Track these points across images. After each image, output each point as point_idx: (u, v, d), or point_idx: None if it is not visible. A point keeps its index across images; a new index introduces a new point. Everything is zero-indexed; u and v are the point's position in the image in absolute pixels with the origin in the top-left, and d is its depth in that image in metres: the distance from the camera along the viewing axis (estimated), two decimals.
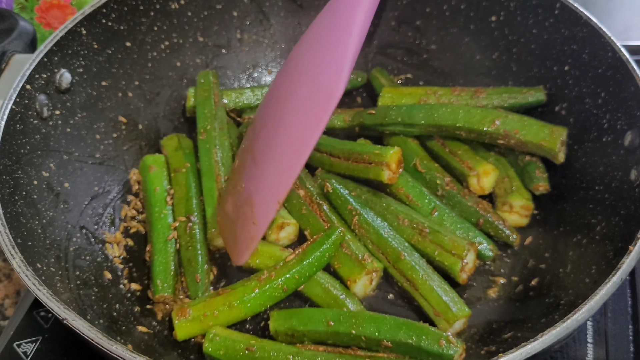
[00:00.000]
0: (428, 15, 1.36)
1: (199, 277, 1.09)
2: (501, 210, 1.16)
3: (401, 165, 1.14)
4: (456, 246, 1.05)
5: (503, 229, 1.14)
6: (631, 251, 0.86)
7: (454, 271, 1.04)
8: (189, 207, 1.16)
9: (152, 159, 1.24)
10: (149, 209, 1.18)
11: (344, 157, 1.16)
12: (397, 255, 1.05)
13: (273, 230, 1.12)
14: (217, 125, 1.23)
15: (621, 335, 1.06)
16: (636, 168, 0.99)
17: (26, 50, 1.27)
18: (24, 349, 1.06)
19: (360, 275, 1.05)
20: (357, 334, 0.95)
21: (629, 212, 0.96)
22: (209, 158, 1.19)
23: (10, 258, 0.89)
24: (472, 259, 1.07)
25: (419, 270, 1.04)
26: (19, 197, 1.01)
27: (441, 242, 1.06)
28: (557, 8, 1.17)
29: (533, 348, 0.78)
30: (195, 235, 1.13)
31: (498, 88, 1.25)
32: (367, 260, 1.06)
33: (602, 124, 1.09)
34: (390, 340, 0.93)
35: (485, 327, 1.04)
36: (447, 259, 1.05)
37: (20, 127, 1.05)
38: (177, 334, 1.01)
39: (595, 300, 0.82)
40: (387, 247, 1.07)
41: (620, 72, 1.05)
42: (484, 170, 1.16)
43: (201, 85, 1.30)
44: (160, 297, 1.07)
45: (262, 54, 1.43)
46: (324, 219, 1.11)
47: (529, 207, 1.15)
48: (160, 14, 1.29)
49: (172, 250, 1.12)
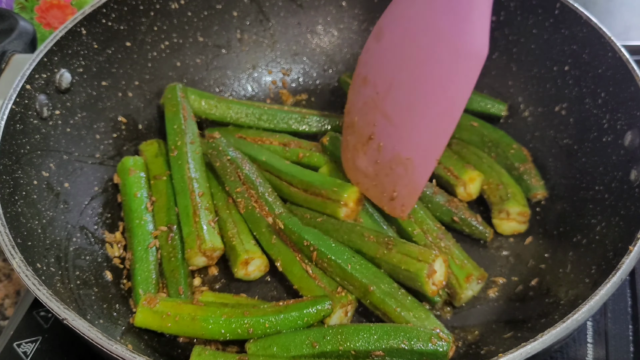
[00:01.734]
0: None
1: (182, 289, 1.06)
2: (498, 219, 1.15)
3: (361, 202, 1.12)
4: (423, 253, 0.99)
5: (476, 225, 1.14)
6: (631, 251, 0.86)
7: (420, 277, 0.97)
8: (170, 216, 1.12)
9: (131, 161, 1.19)
10: (128, 214, 1.14)
11: (303, 188, 1.13)
12: (366, 289, 0.99)
13: (238, 267, 1.08)
14: (188, 140, 1.19)
15: (621, 335, 1.06)
16: (636, 168, 0.99)
17: (26, 50, 1.27)
18: (24, 349, 1.05)
19: (335, 309, 0.99)
20: (345, 350, 0.92)
21: (629, 212, 0.96)
22: (182, 175, 1.15)
23: (10, 258, 0.89)
24: (441, 270, 1.00)
25: (390, 302, 0.98)
26: (19, 197, 1.01)
27: (408, 251, 1.00)
28: (557, 8, 1.17)
29: (533, 348, 0.78)
30: (177, 246, 1.10)
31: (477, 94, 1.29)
32: (340, 294, 1.01)
33: (602, 124, 1.09)
34: (381, 349, 0.91)
35: (485, 327, 1.04)
36: (413, 266, 0.98)
37: (20, 127, 1.05)
38: (135, 317, 0.99)
39: (595, 300, 0.82)
40: (353, 280, 1.01)
41: (620, 72, 1.05)
42: (469, 177, 1.17)
43: (169, 101, 1.26)
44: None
45: (262, 54, 1.43)
46: (294, 249, 1.07)
47: (525, 213, 1.14)
48: (160, 14, 1.29)
49: (154, 258, 1.09)
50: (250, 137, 1.27)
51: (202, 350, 0.94)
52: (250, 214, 1.13)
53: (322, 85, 1.43)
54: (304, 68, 1.45)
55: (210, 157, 1.20)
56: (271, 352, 0.94)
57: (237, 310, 0.97)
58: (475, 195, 1.19)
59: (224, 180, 1.17)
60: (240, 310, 0.97)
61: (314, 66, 1.45)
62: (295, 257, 1.07)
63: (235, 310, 0.97)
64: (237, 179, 1.16)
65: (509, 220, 1.14)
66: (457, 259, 1.07)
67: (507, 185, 1.17)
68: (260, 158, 1.20)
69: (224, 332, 0.95)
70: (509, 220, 1.14)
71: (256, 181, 1.15)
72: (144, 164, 1.20)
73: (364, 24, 1.42)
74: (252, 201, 1.14)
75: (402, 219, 1.10)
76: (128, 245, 1.13)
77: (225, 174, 1.17)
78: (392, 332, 0.91)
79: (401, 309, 0.98)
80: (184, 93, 1.28)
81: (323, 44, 1.44)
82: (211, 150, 1.20)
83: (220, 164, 1.18)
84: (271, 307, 0.98)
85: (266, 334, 0.96)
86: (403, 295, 1.00)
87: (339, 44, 1.44)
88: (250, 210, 1.13)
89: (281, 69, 1.44)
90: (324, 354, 0.93)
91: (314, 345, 0.93)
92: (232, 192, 1.16)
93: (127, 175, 1.17)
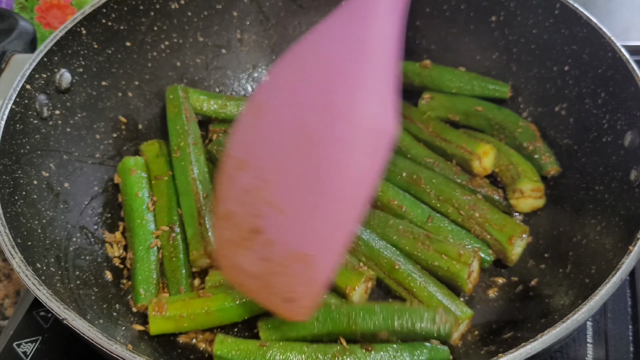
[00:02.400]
0: (428, 15, 1.36)
1: (183, 289, 1.07)
2: (514, 198, 1.15)
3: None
4: (462, 254, 1.04)
5: (500, 200, 1.16)
6: (631, 251, 0.86)
7: (461, 278, 1.03)
8: (171, 216, 1.13)
9: (132, 161, 1.19)
10: (129, 214, 1.15)
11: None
12: (392, 265, 1.04)
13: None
14: (191, 141, 1.19)
15: (621, 335, 1.06)
16: (636, 168, 0.99)
17: (26, 50, 1.27)
18: (24, 349, 1.05)
19: (359, 282, 1.02)
20: (354, 330, 0.94)
21: (629, 212, 0.96)
22: (186, 176, 1.15)
23: (10, 258, 0.89)
24: (476, 268, 1.06)
25: (416, 277, 1.03)
26: (19, 197, 1.01)
27: (445, 250, 1.05)
28: (557, 8, 1.17)
29: (533, 348, 0.78)
30: (179, 246, 1.10)
31: (471, 74, 1.30)
32: (363, 268, 1.05)
33: (602, 124, 1.09)
34: (387, 329, 0.93)
35: (485, 327, 1.04)
36: (454, 267, 1.03)
37: (20, 127, 1.05)
38: (150, 328, 1.00)
39: (595, 301, 0.82)
40: (380, 257, 1.06)
41: (620, 72, 1.05)
42: (483, 151, 1.17)
43: (170, 101, 1.26)
44: (142, 306, 1.05)
45: (262, 54, 1.43)
46: None
47: (539, 188, 1.15)
48: (160, 14, 1.29)
49: (155, 258, 1.10)
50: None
51: (225, 338, 0.96)
52: None
53: None
54: None
55: (216, 153, 1.21)
56: (282, 332, 0.97)
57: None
58: (490, 170, 1.19)
59: None
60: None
61: None
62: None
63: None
64: None
65: (524, 198, 1.15)
66: (495, 224, 1.09)
67: (517, 165, 1.17)
68: None
69: (240, 315, 1.01)
70: (524, 198, 1.15)
71: None
72: (144, 164, 1.20)
73: None
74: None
75: (304, 321, 0.96)
76: (129, 245, 1.13)
77: None
78: (398, 313, 0.93)
79: (426, 285, 1.02)
80: (186, 93, 1.28)
81: None
82: (217, 146, 1.21)
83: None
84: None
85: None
86: (427, 276, 1.05)
87: None
88: None
89: None
90: (332, 334, 0.95)
91: (324, 325, 0.95)
92: None
93: (128, 175, 1.17)
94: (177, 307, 1.00)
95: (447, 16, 1.34)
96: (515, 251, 1.09)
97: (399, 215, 1.14)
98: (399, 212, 1.14)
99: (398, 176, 1.18)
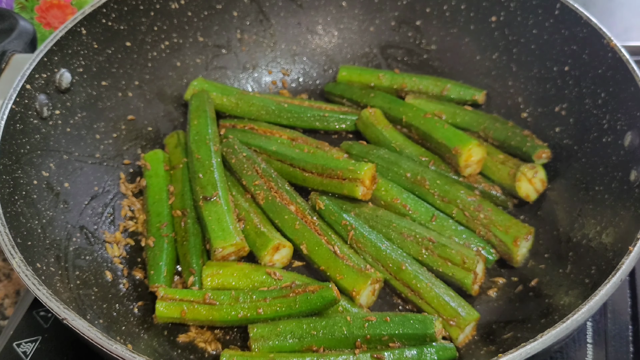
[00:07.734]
0: (428, 15, 1.36)
1: (194, 270, 1.09)
2: (520, 189, 1.15)
3: (375, 181, 1.14)
4: (466, 259, 1.04)
5: (497, 195, 1.17)
6: (631, 251, 0.86)
7: (467, 285, 1.04)
8: (184, 202, 1.17)
9: (153, 154, 1.25)
10: (151, 200, 1.19)
11: (317, 172, 1.15)
12: (399, 266, 1.04)
13: (268, 252, 1.08)
14: (212, 144, 1.22)
15: (621, 335, 1.06)
16: (636, 168, 0.99)
17: (26, 50, 1.27)
18: (24, 349, 1.06)
19: (365, 285, 1.02)
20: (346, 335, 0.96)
21: (629, 212, 0.96)
22: (211, 175, 1.16)
23: (10, 258, 0.89)
24: (481, 269, 1.06)
25: (423, 278, 1.03)
26: (19, 197, 1.01)
27: (449, 256, 1.05)
28: (557, 8, 1.17)
29: (533, 348, 0.78)
30: (190, 230, 1.13)
31: (456, 84, 1.32)
32: (370, 270, 1.04)
33: (602, 124, 1.09)
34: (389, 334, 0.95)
35: (485, 327, 1.04)
36: (459, 274, 1.04)
37: (20, 126, 1.05)
38: (156, 313, 1.01)
39: (595, 301, 0.82)
40: (387, 259, 1.06)
41: (620, 73, 1.05)
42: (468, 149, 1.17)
43: (195, 98, 1.29)
44: (155, 286, 1.07)
45: (262, 54, 1.43)
46: (319, 233, 1.09)
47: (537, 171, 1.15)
48: (160, 14, 1.29)
49: (169, 241, 1.13)
50: (262, 129, 1.30)
51: (232, 354, 0.96)
52: (270, 204, 1.15)
53: (322, 85, 1.43)
54: (304, 68, 1.45)
55: (226, 154, 1.23)
56: (275, 337, 0.96)
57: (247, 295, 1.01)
58: (481, 161, 1.19)
59: (240, 175, 1.20)
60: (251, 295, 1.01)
61: (314, 66, 1.45)
62: (321, 239, 1.08)
63: (245, 295, 1.01)
64: (255, 172, 1.19)
65: (529, 182, 1.15)
66: (500, 225, 1.10)
67: (506, 160, 1.18)
68: (271, 148, 1.23)
69: (244, 317, 1.00)
70: (529, 182, 1.15)
71: (274, 174, 1.19)
72: (162, 157, 1.25)
73: (364, 24, 1.42)
74: (271, 192, 1.16)
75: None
76: (147, 229, 1.16)
77: (242, 169, 1.20)
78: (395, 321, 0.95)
79: (433, 286, 1.02)
80: (208, 90, 1.32)
81: (323, 44, 1.45)
82: (226, 148, 1.23)
83: (237, 160, 1.21)
84: (277, 290, 1.01)
85: (277, 315, 0.99)
86: (434, 277, 1.05)
87: (339, 44, 1.44)
88: (271, 200, 1.15)
89: (281, 69, 1.44)
90: (329, 341, 0.96)
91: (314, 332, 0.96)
92: (250, 185, 1.18)
93: (160, 164, 1.23)
94: (185, 294, 1.02)
95: (447, 16, 1.34)
96: (520, 252, 1.09)
97: (402, 214, 1.14)
98: (402, 210, 1.14)
99: (402, 177, 1.18)
